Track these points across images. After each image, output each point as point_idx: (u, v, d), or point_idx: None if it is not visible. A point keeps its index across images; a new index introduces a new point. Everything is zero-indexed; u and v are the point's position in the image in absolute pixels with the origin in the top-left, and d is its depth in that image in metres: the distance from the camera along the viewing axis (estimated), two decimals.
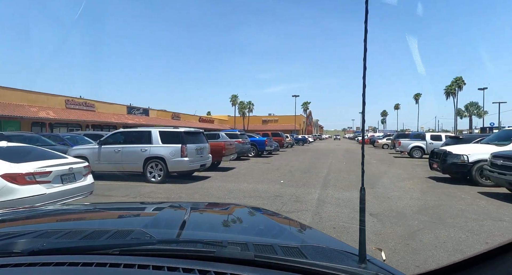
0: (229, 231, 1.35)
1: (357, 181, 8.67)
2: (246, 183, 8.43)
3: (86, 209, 1.76)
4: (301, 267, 0.79)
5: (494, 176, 6.58)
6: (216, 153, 10.61)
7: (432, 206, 5.76)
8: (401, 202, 6.07)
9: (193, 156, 8.33)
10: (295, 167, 12.75)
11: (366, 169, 12.03)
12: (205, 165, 8.99)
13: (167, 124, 33.77)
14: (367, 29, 0.96)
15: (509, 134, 8.49)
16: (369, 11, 0.94)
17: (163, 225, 1.36)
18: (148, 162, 8.18)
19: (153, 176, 8.23)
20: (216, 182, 8.63)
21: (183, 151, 7.97)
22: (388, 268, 0.92)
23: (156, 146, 8.16)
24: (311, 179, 9.27)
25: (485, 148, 8.25)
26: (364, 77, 1.00)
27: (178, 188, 7.71)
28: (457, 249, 3.57)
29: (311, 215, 5.07)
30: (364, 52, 0.97)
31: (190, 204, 1.80)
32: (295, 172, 10.87)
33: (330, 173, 10.78)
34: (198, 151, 8.63)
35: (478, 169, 7.95)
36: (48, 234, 1.06)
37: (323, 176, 9.86)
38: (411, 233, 4.15)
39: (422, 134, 20.17)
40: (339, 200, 6.28)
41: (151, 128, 8.54)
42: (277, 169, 11.83)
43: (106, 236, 1.03)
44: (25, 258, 0.82)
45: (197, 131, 9.08)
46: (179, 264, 0.78)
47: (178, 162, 7.98)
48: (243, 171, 11.18)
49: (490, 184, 7.71)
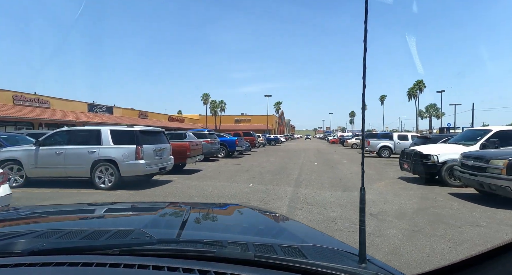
0: (229, 231, 1.33)
1: (329, 184, 8.28)
2: (211, 188, 7.66)
3: (86, 209, 1.76)
4: (301, 267, 0.79)
5: (465, 177, 6.44)
6: (180, 154, 9.70)
7: (408, 210, 5.42)
8: (376, 207, 5.68)
9: (151, 158, 7.38)
10: (266, 168, 12.18)
11: (336, 170, 11.53)
12: (166, 168, 8.06)
13: (132, 123, 31.80)
14: (367, 29, 0.97)
15: (475, 134, 8.57)
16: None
17: (163, 225, 1.37)
18: (96, 166, 7.07)
19: (103, 181, 7.14)
20: (177, 187, 7.75)
21: (138, 152, 7.00)
22: (388, 268, 0.91)
23: (107, 147, 7.08)
24: (282, 181, 8.72)
25: (454, 148, 8.24)
26: (364, 77, 1.00)
27: (132, 195, 6.75)
28: (443, 264, 3.12)
29: None
30: (364, 52, 0.98)
31: (190, 204, 1.84)
32: (265, 174, 10.28)
33: (302, 174, 10.33)
34: (157, 152, 7.69)
35: (448, 169, 7.88)
36: (48, 234, 1.06)
37: (295, 178, 9.36)
38: (391, 246, 3.68)
39: (389, 134, 20.65)
40: (311, 205, 5.75)
41: (101, 126, 7.42)
42: (247, 171, 11.17)
43: (106, 236, 1.03)
44: (25, 258, 0.82)
45: (156, 130, 8.11)
46: (179, 264, 0.78)
47: (132, 165, 6.98)
48: (209, 174, 10.36)
49: (458, 184, 7.67)
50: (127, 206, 2.11)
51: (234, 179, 9.07)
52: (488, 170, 5.78)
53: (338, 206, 5.68)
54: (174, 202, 2.18)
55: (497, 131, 7.96)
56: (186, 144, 9.90)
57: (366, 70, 0.98)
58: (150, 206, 1.94)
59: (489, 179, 5.72)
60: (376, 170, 11.85)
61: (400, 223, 4.62)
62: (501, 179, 5.50)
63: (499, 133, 7.93)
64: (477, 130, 8.99)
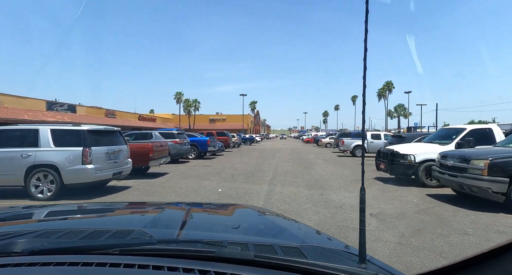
0: (229, 231, 1.31)
1: (305, 187, 7.73)
2: (174, 195, 6.80)
3: (86, 209, 1.74)
4: (301, 267, 0.79)
5: (444, 178, 6.15)
6: (141, 156, 8.69)
7: (389, 217, 4.95)
8: (356, 213, 5.17)
9: (102, 162, 6.36)
10: (238, 170, 11.45)
11: (311, 171, 10.91)
12: (121, 173, 7.05)
13: (98, 122, 29.64)
14: (367, 29, 0.96)
15: (449, 133, 8.45)
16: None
17: (163, 225, 1.35)
18: (32, 172, 5.93)
19: (41, 191, 5.99)
20: (134, 195, 6.80)
21: (85, 155, 5.96)
22: (388, 268, 0.91)
23: (46, 149, 5.95)
24: (254, 185, 8.03)
25: (430, 147, 8.03)
26: (364, 77, 1.01)
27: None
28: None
29: None
30: (364, 52, 0.99)
31: (190, 204, 1.91)
32: (238, 177, 9.55)
33: (276, 176, 9.73)
34: (111, 155, 6.67)
35: (424, 169, 7.64)
36: (48, 234, 1.05)
37: (268, 181, 8.73)
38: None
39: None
40: (285, 213, 5.11)
41: (40, 125, 6.26)
42: (218, 173, 10.38)
43: (106, 236, 1.03)
44: (25, 258, 0.81)
45: (109, 129, 7.06)
46: (179, 264, 0.77)
47: (78, 171, 5.92)
48: (175, 178, 9.43)
49: (435, 184, 7.45)
50: (127, 206, 2.09)
51: (202, 184, 8.24)
52: (469, 170, 5.49)
53: (315, 214, 5.10)
54: (174, 202, 2.06)
55: (471, 130, 7.86)
56: (148, 145, 8.89)
57: (366, 71, 0.99)
58: (150, 206, 1.97)
59: (469, 180, 5.42)
60: (351, 170, 11.56)
61: (383, 233, 4.11)
62: (482, 180, 5.22)
63: (473, 131, 7.84)
64: (451, 128, 8.90)
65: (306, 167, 12.43)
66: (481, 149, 6.24)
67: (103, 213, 1.63)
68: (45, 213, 1.53)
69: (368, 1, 0.94)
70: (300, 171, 10.98)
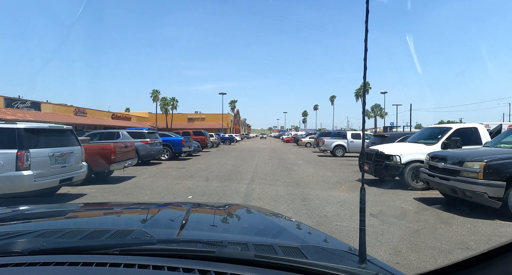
0: (229, 231, 1.32)
1: (286, 192, 7.06)
2: None
3: (86, 209, 1.75)
4: (301, 267, 0.79)
5: (434, 181, 5.69)
6: (102, 159, 7.63)
7: (381, 227, 4.37)
8: (343, 223, 4.55)
9: (46, 167, 5.31)
10: (214, 172, 10.61)
11: (292, 172, 10.15)
12: (72, 179, 5.99)
13: (66, 121, 27.54)
14: (367, 29, 0.97)
15: (434, 132, 8.12)
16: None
17: (163, 225, 1.35)
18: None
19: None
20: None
21: (21, 160, 4.90)
22: (388, 268, 0.91)
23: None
24: (230, 190, 7.26)
25: (416, 147, 7.64)
26: (365, 77, 1.01)
27: None
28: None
29: None
30: (364, 52, 0.99)
31: (190, 204, 1.87)
32: (212, 180, 8.72)
33: (255, 179, 9.00)
34: (58, 158, 5.62)
35: (411, 170, 7.22)
36: (48, 233, 1.06)
37: (246, 184, 7.99)
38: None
39: (343, 133, 20.56)
40: None
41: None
42: (191, 177, 9.49)
43: (106, 235, 1.03)
44: (25, 257, 0.81)
45: (56, 128, 5.98)
46: (179, 264, 0.77)
47: (10, 178, 4.84)
48: (142, 182, 8.43)
49: (421, 187, 7.06)
50: (127, 206, 2.03)
51: (171, 190, 7.35)
52: (462, 173, 5.04)
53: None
54: (174, 202, 2.07)
55: (456, 129, 7.55)
56: (109, 146, 7.82)
57: (366, 70, 1.00)
58: (150, 206, 1.95)
59: (463, 184, 4.97)
60: (333, 171, 11.08)
61: (377, 250, 3.49)
62: (477, 184, 4.77)
63: (458, 131, 7.53)
64: (436, 128, 8.59)
65: (287, 168, 11.82)
66: (474, 150, 5.85)
67: (103, 213, 1.62)
68: (45, 213, 1.54)
69: (368, 1, 0.94)
70: (280, 173, 10.32)
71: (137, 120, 53.56)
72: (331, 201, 6.05)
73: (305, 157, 18.11)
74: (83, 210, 1.70)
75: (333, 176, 9.77)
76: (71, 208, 1.76)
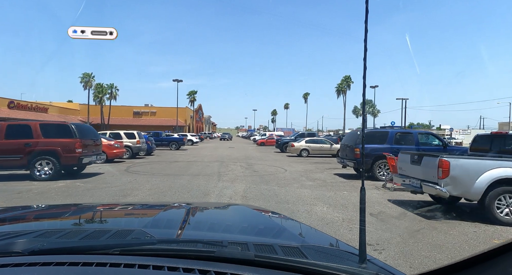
0: (229, 231, 1.30)
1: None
2: None
3: (87, 209, 1.74)
4: (301, 267, 0.78)
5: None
6: None
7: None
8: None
9: None
10: None
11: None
12: None
13: None
14: (367, 29, 0.95)
15: None
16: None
17: (163, 225, 1.35)
18: None
19: None
20: None
21: None
22: (388, 268, 0.91)
23: None
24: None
25: None
26: (364, 77, 0.99)
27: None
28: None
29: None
30: (364, 52, 0.98)
31: (190, 204, 1.85)
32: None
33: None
34: None
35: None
36: (48, 234, 1.05)
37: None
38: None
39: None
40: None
41: None
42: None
43: (106, 236, 1.02)
44: (25, 258, 0.80)
45: None
46: (179, 264, 0.77)
47: None
48: None
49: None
50: (127, 206, 2.07)
51: None
52: None
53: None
54: (174, 202, 2.06)
55: None
56: None
57: (366, 70, 0.97)
58: (150, 206, 1.94)
59: None
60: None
61: None
62: None
63: None
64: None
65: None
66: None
67: (103, 213, 1.61)
68: (45, 213, 1.56)
69: (368, 1, 0.94)
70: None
71: (58, 113, 40.64)
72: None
73: (318, 178, 9.74)
74: (83, 210, 1.72)
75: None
76: (71, 208, 1.81)
